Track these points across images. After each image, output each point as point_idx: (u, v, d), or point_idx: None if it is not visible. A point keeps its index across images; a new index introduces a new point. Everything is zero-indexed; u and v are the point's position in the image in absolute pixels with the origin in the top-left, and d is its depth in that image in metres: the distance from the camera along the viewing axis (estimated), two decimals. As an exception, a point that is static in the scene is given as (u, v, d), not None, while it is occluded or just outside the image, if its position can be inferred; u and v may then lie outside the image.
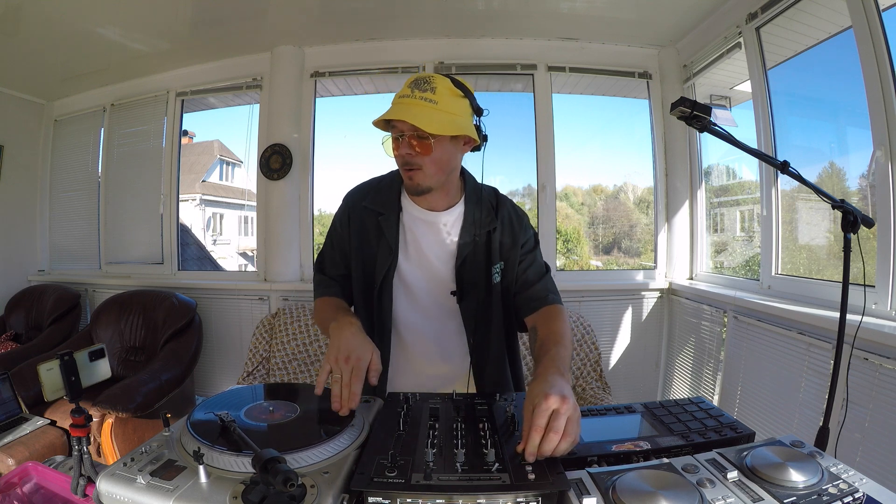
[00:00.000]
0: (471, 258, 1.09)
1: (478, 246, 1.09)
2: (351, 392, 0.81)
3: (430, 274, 1.11)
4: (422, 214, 1.11)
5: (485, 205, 1.12)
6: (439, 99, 0.96)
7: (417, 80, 0.98)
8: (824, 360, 1.72)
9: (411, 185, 1.03)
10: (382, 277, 1.08)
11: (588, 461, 0.75)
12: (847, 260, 1.03)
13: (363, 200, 1.13)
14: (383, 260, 1.08)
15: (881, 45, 1.62)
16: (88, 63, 3.11)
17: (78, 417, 0.73)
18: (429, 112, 0.94)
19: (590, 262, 3.69)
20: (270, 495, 0.55)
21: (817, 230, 2.19)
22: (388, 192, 1.13)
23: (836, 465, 0.67)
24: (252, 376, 2.55)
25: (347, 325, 0.92)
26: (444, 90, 0.97)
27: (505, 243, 1.12)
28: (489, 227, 1.10)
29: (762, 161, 1.72)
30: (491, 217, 1.11)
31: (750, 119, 2.34)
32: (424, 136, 0.95)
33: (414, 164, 0.99)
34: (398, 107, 0.96)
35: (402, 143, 0.98)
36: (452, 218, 1.11)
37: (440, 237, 1.11)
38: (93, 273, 3.56)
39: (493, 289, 1.11)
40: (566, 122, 3.04)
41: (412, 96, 0.96)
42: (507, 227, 1.13)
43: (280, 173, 2.97)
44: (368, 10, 2.59)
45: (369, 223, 1.11)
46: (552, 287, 1.12)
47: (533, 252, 1.15)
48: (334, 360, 0.84)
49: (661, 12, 2.56)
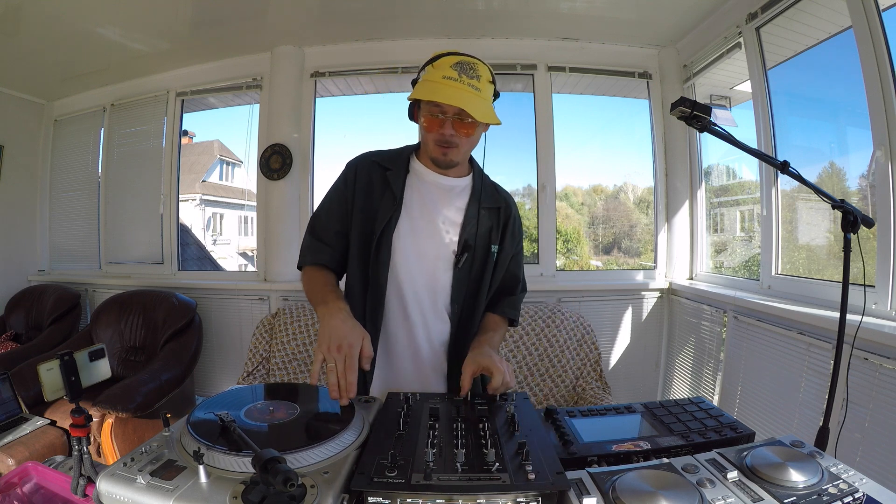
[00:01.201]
0: (476, 226, 1.13)
1: (484, 217, 1.14)
2: (348, 382, 0.82)
3: (433, 233, 1.13)
4: (432, 177, 1.14)
5: (488, 186, 1.19)
6: (482, 87, 1.02)
7: (463, 64, 1.01)
8: (824, 360, 1.72)
9: (444, 160, 1.08)
10: (382, 228, 1.09)
11: (588, 461, 0.75)
12: (847, 260, 1.03)
13: (371, 157, 1.16)
14: (385, 210, 1.10)
15: (881, 45, 1.62)
16: (88, 63, 3.11)
17: (78, 417, 0.73)
18: (476, 100, 1.00)
19: (590, 262, 3.69)
20: (270, 495, 0.55)
21: (817, 230, 2.19)
22: (398, 155, 1.17)
23: (836, 465, 0.67)
24: (252, 376, 2.55)
25: (337, 310, 0.92)
26: (485, 79, 1.04)
27: (507, 231, 1.18)
28: (497, 203, 1.17)
29: (762, 161, 1.72)
30: (496, 196, 1.18)
31: (750, 119, 2.34)
32: (470, 121, 1.03)
33: (453, 143, 1.05)
34: (447, 89, 0.99)
35: (445, 122, 1.03)
36: (462, 185, 1.16)
37: (448, 199, 1.14)
38: (93, 273, 3.56)
39: (489, 261, 1.16)
40: (566, 122, 3.04)
41: (460, 81, 0.99)
42: (513, 220, 1.20)
43: (280, 173, 2.97)
44: (368, 10, 2.59)
45: (376, 178, 1.13)
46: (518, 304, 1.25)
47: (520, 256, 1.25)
48: (326, 349, 0.85)
49: (661, 12, 2.56)
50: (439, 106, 1.02)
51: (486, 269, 1.16)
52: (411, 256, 1.11)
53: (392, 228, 1.10)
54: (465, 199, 1.15)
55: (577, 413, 0.91)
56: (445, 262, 1.13)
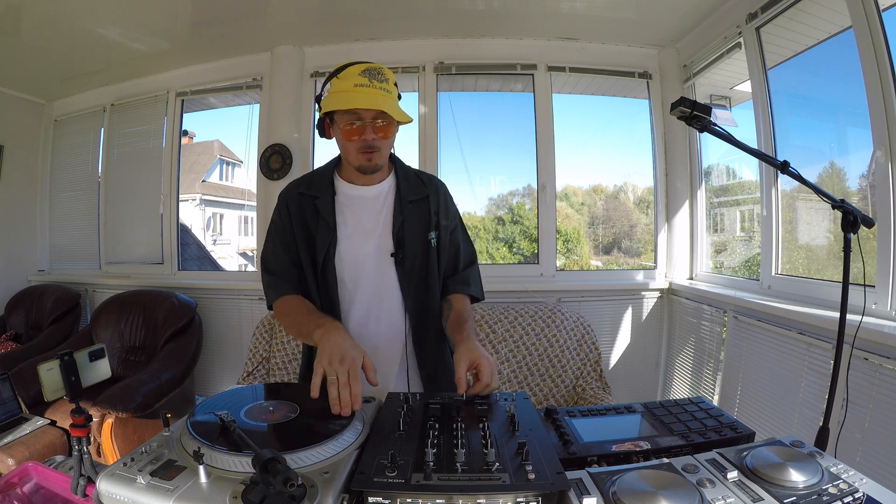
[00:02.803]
0: (407, 222, 1.17)
1: (412, 211, 1.19)
2: (353, 393, 0.82)
3: (369, 243, 1.17)
4: (355, 191, 1.19)
5: (412, 178, 1.23)
6: (391, 89, 1.08)
7: (370, 70, 1.06)
8: (824, 360, 1.72)
9: (370, 165, 1.12)
10: (324, 256, 1.14)
11: (588, 461, 0.75)
12: (847, 260, 1.03)
13: (297, 189, 1.21)
14: (323, 239, 1.14)
15: (881, 45, 1.62)
16: (88, 63, 3.11)
17: (78, 417, 0.73)
18: (391, 101, 1.06)
19: (590, 262, 3.69)
20: (270, 495, 0.55)
21: (817, 230, 2.19)
22: (321, 178, 1.21)
23: (836, 465, 0.67)
24: (252, 376, 2.55)
25: (334, 329, 0.94)
26: (391, 81, 1.10)
27: (440, 213, 1.22)
28: (422, 194, 1.21)
29: (762, 161, 1.72)
30: (421, 187, 1.22)
31: (750, 119, 2.34)
32: (388, 122, 1.08)
33: (375, 147, 1.09)
34: (362, 95, 1.04)
35: (365, 128, 1.07)
36: (386, 189, 1.21)
37: (376, 207, 1.19)
38: (93, 273, 3.56)
39: (430, 252, 1.19)
40: (566, 122, 3.04)
41: (371, 86, 1.04)
42: (441, 199, 1.24)
43: (280, 173, 2.97)
44: (368, 10, 2.59)
45: (306, 208, 1.18)
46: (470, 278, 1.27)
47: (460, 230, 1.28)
48: (328, 363, 0.85)
49: (661, 12, 2.56)
50: (356, 113, 1.06)
51: (430, 258, 1.20)
52: (356, 271, 1.17)
53: (333, 254, 1.15)
54: (392, 200, 1.19)
55: (577, 413, 0.91)
56: (388, 266, 1.17)
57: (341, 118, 1.08)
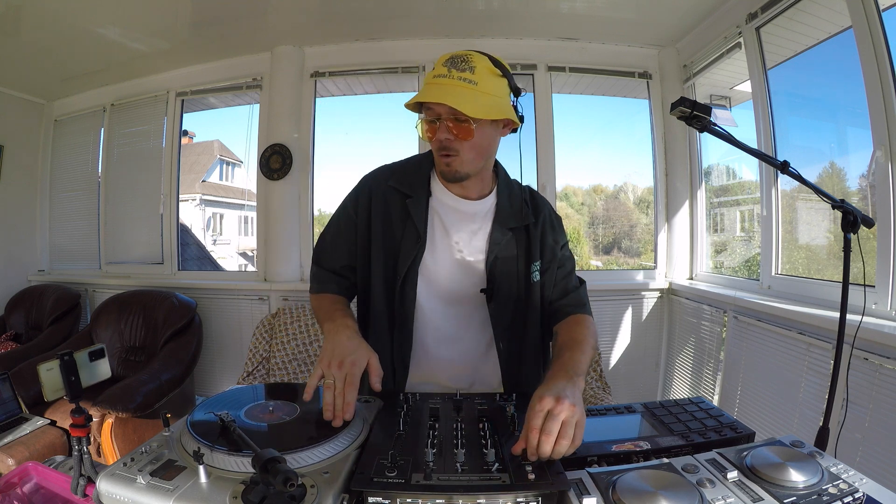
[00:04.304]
0: (504, 253, 1.01)
1: (511, 241, 1.02)
2: (345, 401, 0.76)
3: (459, 267, 1.01)
4: (453, 202, 1.01)
5: (517, 198, 1.05)
6: (479, 79, 0.89)
7: (454, 58, 0.90)
8: (824, 360, 1.72)
9: (448, 171, 0.95)
10: (408, 267, 0.98)
11: (588, 461, 0.75)
12: (847, 260, 1.03)
13: (388, 181, 1.03)
14: (409, 247, 0.98)
15: (881, 45, 1.62)
16: (88, 63, 3.11)
17: (78, 417, 0.73)
18: (469, 94, 0.87)
19: (590, 262, 3.70)
20: (270, 495, 0.55)
21: (817, 230, 2.19)
22: (417, 174, 1.03)
23: (836, 465, 0.67)
24: (252, 376, 2.55)
25: (343, 328, 0.88)
26: (483, 69, 0.90)
27: (547, 242, 1.05)
28: (525, 221, 1.02)
29: (762, 161, 1.71)
30: (526, 211, 1.04)
31: (750, 119, 2.34)
32: (464, 119, 0.88)
33: (452, 150, 0.92)
34: (434, 88, 0.88)
35: (440, 127, 0.90)
36: (485, 208, 1.03)
37: (472, 227, 1.02)
38: (93, 273, 3.56)
39: (532, 288, 1.02)
40: (566, 122, 3.04)
41: (449, 76, 0.88)
42: (548, 225, 1.06)
43: (280, 173, 2.97)
44: (368, 9, 2.59)
45: (394, 206, 1.01)
46: (586, 299, 1.08)
47: (572, 260, 1.10)
48: (326, 365, 0.80)
49: (661, 12, 2.56)
50: (431, 109, 0.91)
51: (531, 294, 1.03)
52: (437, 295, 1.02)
53: (416, 267, 1.00)
54: (489, 223, 1.01)
55: (577, 413, 0.91)
56: (477, 300, 1.02)
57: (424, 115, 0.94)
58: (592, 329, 1.00)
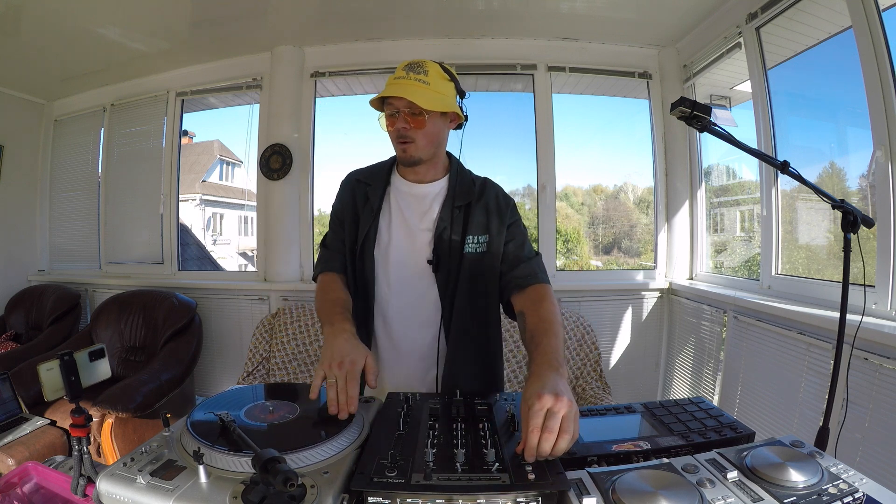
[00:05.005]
0: (450, 229, 1.14)
1: (459, 218, 1.15)
2: (348, 396, 0.81)
3: (411, 243, 1.16)
4: (406, 187, 1.19)
5: (466, 181, 1.20)
6: (431, 80, 1.08)
7: (411, 64, 1.10)
8: (824, 360, 1.72)
9: (405, 156, 1.12)
10: (364, 239, 1.15)
11: (588, 461, 0.75)
12: (847, 260, 1.03)
13: (356, 176, 1.24)
14: (365, 222, 1.16)
15: (881, 45, 1.62)
16: (88, 63, 3.11)
17: (78, 417, 0.73)
18: (423, 91, 1.06)
19: (590, 262, 3.70)
20: (270, 495, 0.55)
21: (817, 230, 2.19)
22: (380, 170, 1.23)
23: (836, 465, 0.67)
24: (252, 376, 2.55)
25: (341, 331, 0.94)
26: (434, 73, 1.09)
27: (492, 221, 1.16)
28: (467, 199, 1.16)
29: (762, 161, 1.72)
30: (470, 190, 1.18)
31: (750, 119, 2.34)
32: (418, 111, 1.07)
33: (408, 137, 1.09)
34: (395, 86, 1.06)
35: (398, 118, 1.08)
36: (436, 190, 1.19)
37: (423, 208, 1.17)
38: (93, 273, 3.56)
39: (464, 258, 1.14)
40: (566, 122, 3.04)
41: (407, 77, 1.07)
42: (493, 204, 1.18)
43: (280, 173, 2.97)
44: (368, 10, 2.59)
45: (359, 194, 1.21)
46: (541, 268, 1.15)
47: (522, 235, 1.20)
48: (328, 366, 0.85)
49: (661, 12, 2.56)
50: (391, 104, 1.09)
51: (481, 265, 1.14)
52: (391, 268, 1.16)
53: (372, 241, 1.16)
54: (440, 203, 1.17)
55: (577, 413, 0.91)
56: (425, 272, 1.14)
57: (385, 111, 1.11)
58: (555, 301, 1.07)
